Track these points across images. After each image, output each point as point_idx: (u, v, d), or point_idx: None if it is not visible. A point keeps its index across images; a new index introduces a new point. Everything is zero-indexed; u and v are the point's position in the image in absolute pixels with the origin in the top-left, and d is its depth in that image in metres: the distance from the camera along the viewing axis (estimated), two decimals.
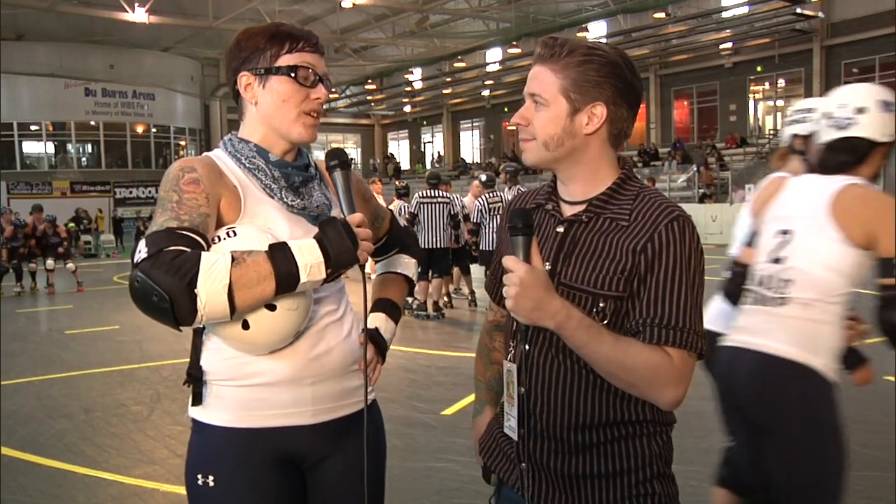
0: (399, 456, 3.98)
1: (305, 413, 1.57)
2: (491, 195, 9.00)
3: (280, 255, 1.37)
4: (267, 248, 1.38)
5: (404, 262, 1.92)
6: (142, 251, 1.35)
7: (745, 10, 22.79)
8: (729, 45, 25.35)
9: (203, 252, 1.35)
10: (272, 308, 1.43)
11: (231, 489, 1.54)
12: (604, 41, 1.37)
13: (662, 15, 23.13)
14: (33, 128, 30.14)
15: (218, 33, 25.25)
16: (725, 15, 23.73)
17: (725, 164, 23.75)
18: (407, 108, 37.75)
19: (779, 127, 25.49)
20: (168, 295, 1.30)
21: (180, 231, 1.38)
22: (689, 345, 1.30)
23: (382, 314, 1.80)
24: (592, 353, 1.29)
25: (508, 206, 1.60)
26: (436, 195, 9.00)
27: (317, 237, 1.41)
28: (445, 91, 33.81)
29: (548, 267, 1.37)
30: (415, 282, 1.97)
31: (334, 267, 1.41)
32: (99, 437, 4.67)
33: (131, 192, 29.06)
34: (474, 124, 36.29)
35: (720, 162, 23.83)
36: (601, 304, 1.33)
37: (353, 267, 1.47)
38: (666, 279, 1.31)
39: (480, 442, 1.59)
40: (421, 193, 9.11)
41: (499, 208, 8.75)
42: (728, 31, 24.59)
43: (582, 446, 1.37)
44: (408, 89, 34.38)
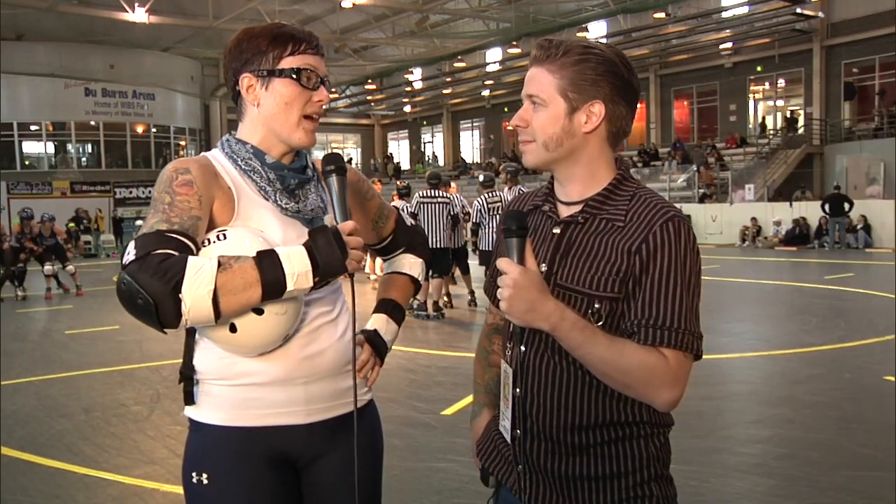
0: (399, 456, 3.98)
1: (299, 413, 1.57)
2: (490, 195, 9.00)
3: (268, 263, 1.36)
4: (255, 255, 1.38)
5: (410, 263, 1.90)
6: (130, 253, 1.36)
7: (745, 10, 22.82)
8: (729, 45, 25.38)
9: (190, 256, 1.35)
10: (259, 312, 1.42)
11: (225, 487, 1.54)
12: (604, 41, 1.37)
13: (662, 15, 23.16)
14: (33, 128, 30.16)
15: (218, 33, 25.27)
16: (725, 15, 23.75)
17: (725, 164, 23.75)
18: (407, 108, 37.77)
19: (779, 127, 25.54)
20: (153, 299, 1.30)
21: (169, 234, 1.38)
22: (685, 346, 1.30)
23: (384, 315, 1.78)
24: (587, 355, 1.29)
25: (507, 208, 1.60)
26: (436, 195, 9.01)
27: (306, 245, 1.40)
28: (445, 91, 33.83)
29: (544, 268, 1.37)
30: (420, 282, 1.93)
31: (322, 276, 1.40)
32: (99, 437, 4.66)
33: (131, 192, 29.03)
34: (474, 124, 36.31)
35: (720, 162, 23.84)
36: (596, 306, 1.33)
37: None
38: (661, 280, 1.30)
39: (478, 444, 1.59)
40: (421, 193, 9.12)
41: (498, 208, 8.74)
42: (728, 31, 24.61)
43: (578, 447, 1.37)
44: (408, 89, 34.40)
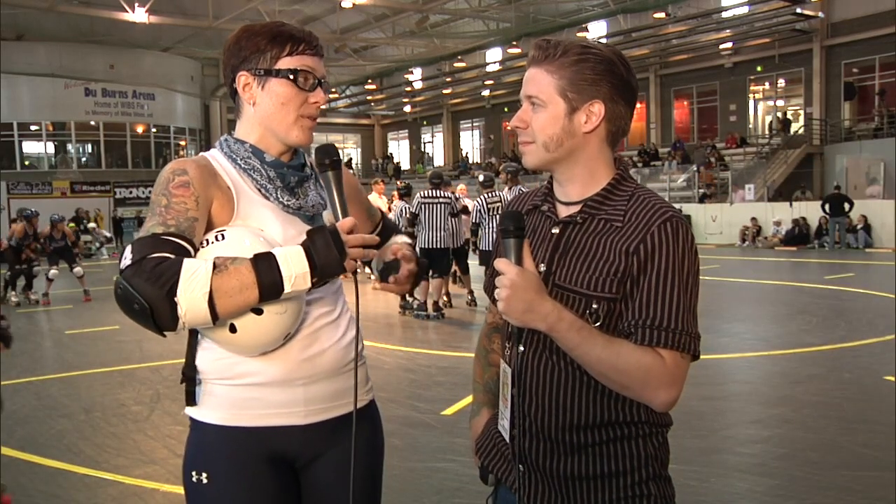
0: (399, 456, 3.98)
1: (298, 413, 1.57)
2: (490, 195, 9.00)
3: (264, 265, 1.36)
4: (251, 257, 1.37)
5: (402, 238, 1.86)
6: (127, 258, 1.35)
7: (745, 10, 22.81)
8: (729, 45, 25.37)
9: (185, 259, 1.34)
10: (259, 312, 1.42)
11: (224, 486, 1.54)
12: (604, 41, 1.38)
13: (662, 15, 23.14)
14: (33, 128, 30.16)
15: (218, 33, 25.23)
16: (725, 15, 23.74)
17: (726, 164, 23.76)
18: (407, 108, 37.76)
19: (780, 127, 25.53)
20: (148, 303, 1.30)
21: (166, 237, 1.38)
22: (682, 346, 1.30)
23: (403, 236, 1.84)
24: (585, 355, 1.29)
25: (506, 208, 1.60)
26: (437, 195, 9.00)
27: (304, 245, 1.40)
28: (445, 91, 33.82)
29: (543, 268, 1.37)
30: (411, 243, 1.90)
31: (320, 276, 1.40)
32: (99, 437, 4.66)
33: (131, 192, 29.05)
34: (474, 124, 36.31)
35: (720, 162, 23.84)
36: (594, 306, 1.33)
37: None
38: (658, 280, 1.30)
39: (477, 442, 1.59)
40: (422, 193, 9.11)
41: (498, 208, 8.74)
42: (728, 31, 24.61)
43: (577, 447, 1.37)
44: (408, 89, 34.40)
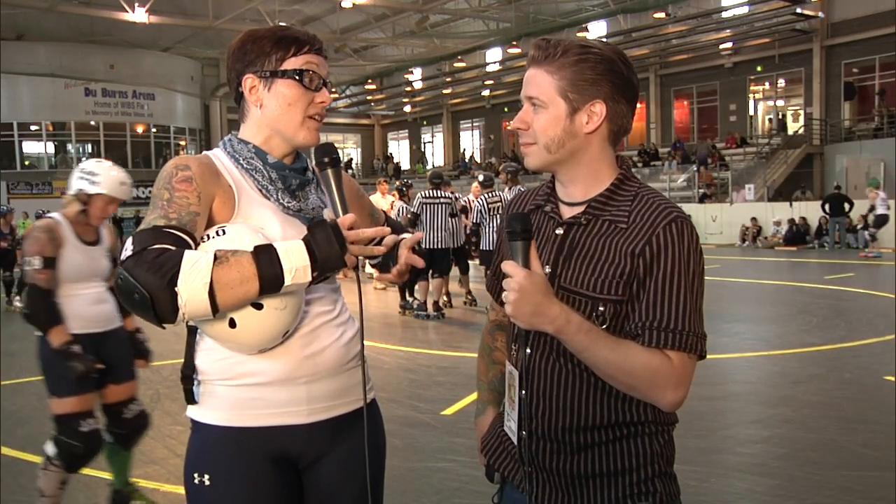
0: (399, 456, 3.98)
1: (301, 412, 1.56)
2: (490, 195, 9.00)
3: (265, 257, 1.36)
4: (252, 249, 1.37)
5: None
6: (128, 249, 1.36)
7: (745, 10, 22.81)
8: (729, 45, 25.36)
9: (186, 251, 1.35)
10: (259, 307, 1.41)
11: (227, 488, 1.54)
12: (603, 41, 1.37)
13: (662, 15, 23.15)
14: (33, 128, 30.14)
15: (218, 33, 25.27)
16: (725, 15, 23.74)
17: (726, 164, 23.76)
18: (407, 108, 37.75)
19: (780, 127, 25.52)
20: (148, 293, 1.30)
21: (167, 229, 1.38)
22: (689, 347, 1.31)
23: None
24: (592, 357, 1.29)
25: (508, 207, 1.59)
26: (438, 195, 9.00)
27: (305, 239, 1.40)
28: (445, 91, 33.81)
29: (548, 270, 1.37)
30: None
31: (321, 270, 1.40)
32: None
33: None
34: (474, 124, 36.30)
35: (720, 162, 23.85)
36: (601, 308, 1.33)
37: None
38: (665, 282, 1.30)
39: (483, 441, 1.59)
40: (423, 193, 9.12)
41: (498, 208, 8.75)
42: (728, 31, 24.60)
43: (583, 446, 1.37)
44: (408, 89, 34.39)
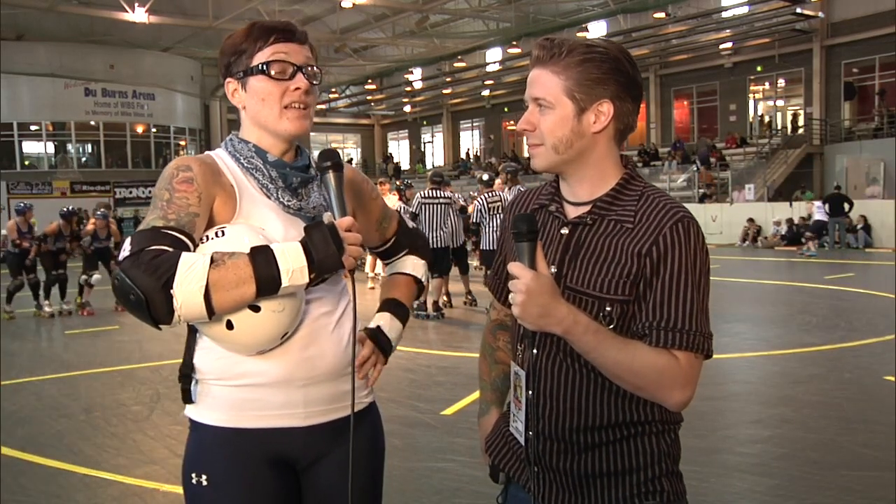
0: (399, 456, 3.98)
1: (297, 415, 1.56)
2: (490, 195, 9.00)
3: (261, 259, 1.35)
4: (249, 251, 1.36)
5: (413, 264, 1.89)
6: (126, 249, 1.35)
7: (745, 10, 22.81)
8: (729, 45, 25.37)
9: (183, 252, 1.34)
10: (256, 309, 1.41)
11: (224, 489, 1.53)
12: (607, 39, 1.36)
13: (662, 15, 23.15)
14: (33, 128, 30.12)
15: (218, 33, 25.18)
16: (725, 15, 23.75)
17: (726, 164, 23.76)
18: (407, 108, 37.74)
19: (779, 127, 25.55)
20: (144, 294, 1.30)
21: (165, 230, 1.38)
22: (696, 347, 1.31)
23: (387, 314, 1.76)
24: (600, 358, 1.29)
25: (510, 207, 1.58)
26: (437, 195, 9.00)
27: (302, 241, 1.39)
28: (445, 91, 33.81)
29: (553, 270, 1.36)
30: (423, 284, 1.92)
31: (318, 272, 1.39)
32: (99, 437, 4.66)
33: (131, 192, 29.03)
34: (474, 124, 36.29)
35: (720, 162, 23.84)
36: (608, 308, 1.33)
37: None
38: (671, 282, 1.30)
39: (487, 441, 1.58)
40: (423, 193, 9.11)
41: (498, 207, 8.75)
42: (728, 31, 24.61)
43: (590, 446, 1.37)
44: (408, 89, 34.38)
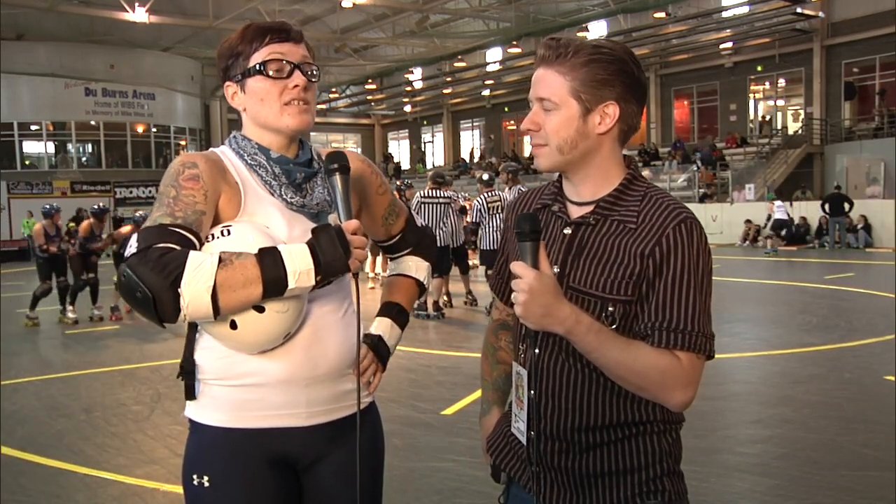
0: (399, 456, 3.98)
1: (299, 415, 1.56)
2: (490, 194, 9.00)
3: (269, 260, 1.35)
4: (256, 252, 1.37)
5: (417, 265, 1.87)
6: (132, 246, 1.35)
7: (746, 10, 22.82)
8: (729, 45, 25.37)
9: (191, 251, 1.34)
10: (260, 310, 1.41)
11: (225, 490, 1.53)
12: (612, 40, 1.37)
13: (662, 15, 23.15)
14: (33, 128, 30.11)
15: (218, 33, 25.18)
16: (725, 15, 23.75)
17: (726, 164, 23.75)
18: (407, 108, 37.73)
19: (779, 127, 25.55)
20: (151, 293, 1.29)
21: (172, 228, 1.38)
22: (698, 347, 1.31)
23: (388, 320, 1.76)
24: (602, 358, 1.29)
25: (512, 207, 1.58)
26: (437, 195, 9.00)
27: (309, 243, 1.39)
28: (445, 91, 33.80)
29: (556, 270, 1.36)
30: (426, 287, 1.90)
31: (324, 274, 1.39)
32: (99, 437, 4.66)
33: (131, 192, 29.02)
34: (474, 124, 36.29)
35: (720, 162, 23.84)
36: (610, 309, 1.33)
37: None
38: (674, 283, 1.30)
39: (488, 440, 1.58)
40: (422, 192, 9.12)
41: (498, 207, 8.75)
42: (728, 31, 24.61)
43: (592, 445, 1.37)
44: (408, 89, 34.37)
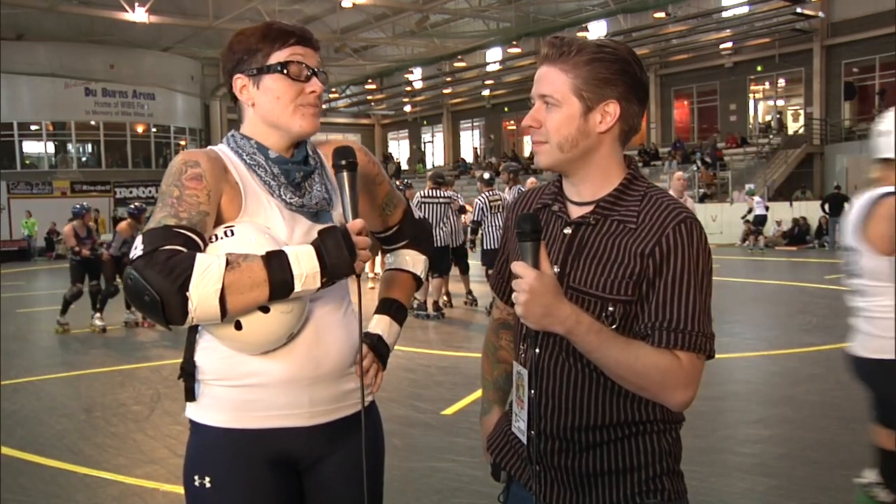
0: (399, 456, 3.98)
1: (302, 415, 1.56)
2: (491, 193, 9.01)
3: (276, 263, 1.35)
4: (263, 254, 1.37)
5: (413, 259, 1.87)
6: (138, 248, 1.34)
7: (745, 10, 22.82)
8: (729, 45, 25.37)
9: (198, 254, 1.34)
10: (265, 310, 1.42)
11: (227, 490, 1.53)
12: (615, 40, 1.37)
13: (662, 15, 23.16)
14: (33, 128, 30.11)
15: (218, 33, 25.22)
16: (725, 15, 23.74)
17: (726, 164, 23.75)
18: (407, 108, 37.73)
19: (780, 127, 25.52)
20: (159, 296, 1.29)
21: (177, 229, 1.37)
22: (698, 347, 1.31)
23: (387, 317, 1.76)
24: (602, 358, 1.29)
25: (513, 207, 1.58)
26: (437, 195, 9.00)
27: (315, 245, 1.39)
28: (445, 91, 33.80)
29: (556, 269, 1.36)
30: (423, 280, 1.90)
31: (330, 277, 1.40)
32: (99, 437, 4.67)
33: (131, 192, 29.00)
34: (474, 124, 36.29)
35: (720, 162, 23.84)
36: (610, 309, 1.33)
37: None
38: (674, 282, 1.31)
39: (489, 439, 1.59)
40: (422, 192, 9.12)
41: (499, 206, 8.75)
42: (728, 31, 24.61)
43: (592, 444, 1.38)
44: (408, 89, 34.37)
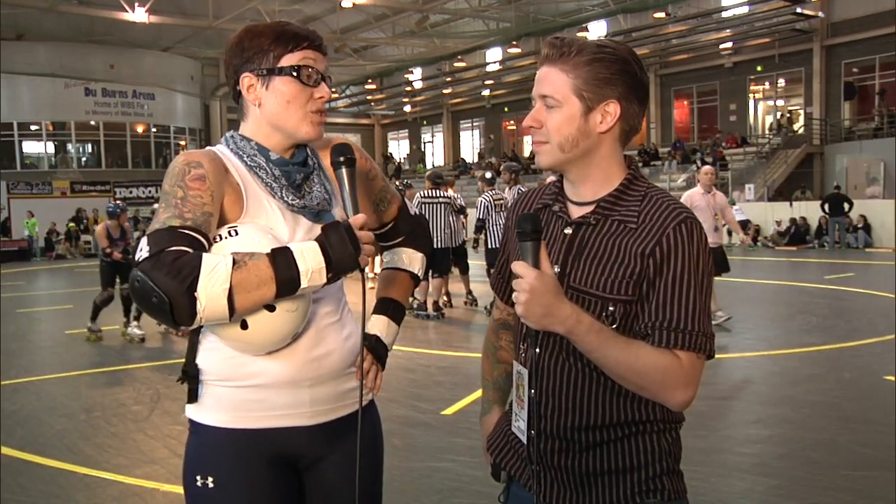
0: (399, 456, 3.98)
1: (303, 415, 1.56)
2: (494, 192, 9.01)
3: (282, 260, 1.36)
4: (269, 252, 1.37)
5: (411, 258, 1.86)
6: (143, 250, 1.34)
7: (745, 10, 22.82)
8: (729, 45, 25.37)
9: (204, 254, 1.34)
10: (271, 309, 1.42)
11: (230, 490, 1.54)
12: (616, 41, 1.38)
13: (662, 15, 23.15)
14: (33, 128, 30.12)
15: (218, 33, 25.24)
16: (725, 15, 23.75)
17: (726, 164, 23.76)
18: (407, 108, 37.73)
19: (777, 126, 25.52)
20: (167, 297, 1.29)
21: (182, 230, 1.37)
22: (698, 347, 1.31)
23: (385, 318, 1.75)
24: (603, 357, 1.29)
25: (513, 207, 1.59)
26: (437, 195, 9.01)
27: (319, 241, 1.39)
28: (445, 91, 33.80)
29: (556, 269, 1.36)
30: (420, 278, 1.88)
31: (335, 272, 1.40)
32: (99, 437, 4.67)
33: (131, 192, 28.98)
34: (474, 124, 36.29)
35: (720, 161, 23.84)
36: (611, 308, 1.33)
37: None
38: (674, 282, 1.31)
39: (489, 439, 1.59)
40: (422, 193, 9.12)
41: (502, 205, 8.76)
42: (728, 31, 24.62)
43: (592, 444, 1.38)
44: (408, 89, 34.37)
